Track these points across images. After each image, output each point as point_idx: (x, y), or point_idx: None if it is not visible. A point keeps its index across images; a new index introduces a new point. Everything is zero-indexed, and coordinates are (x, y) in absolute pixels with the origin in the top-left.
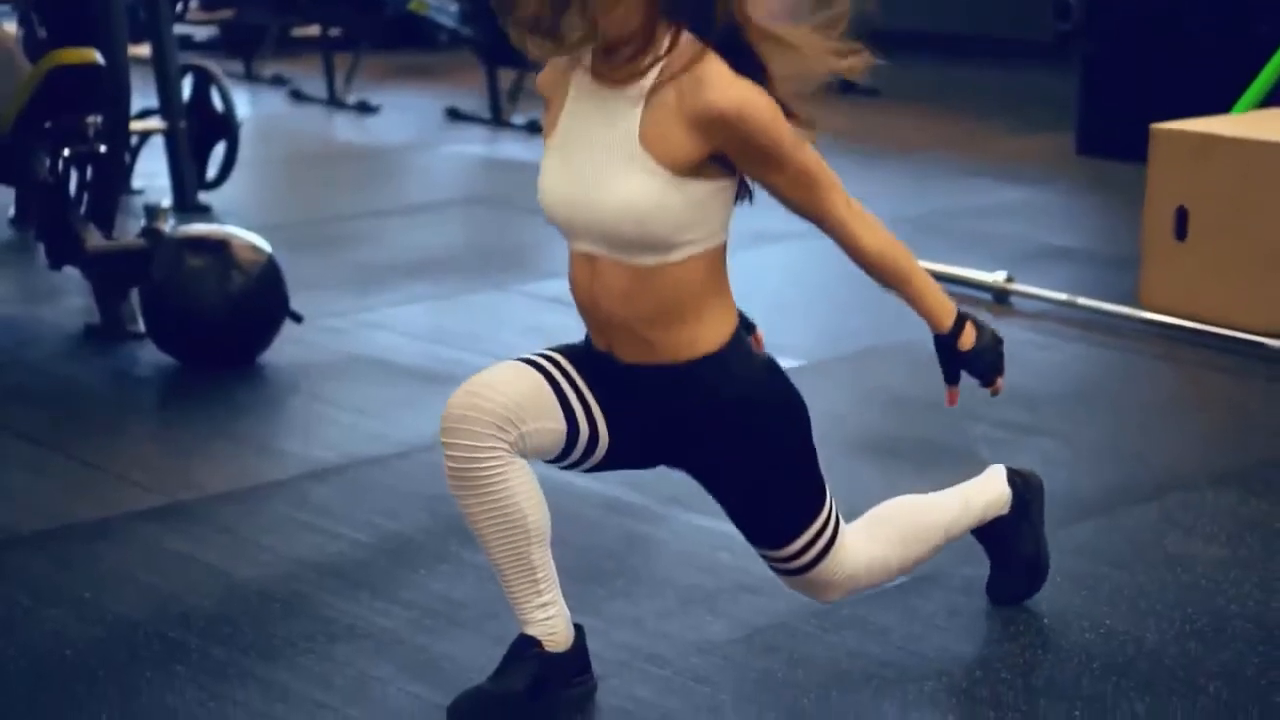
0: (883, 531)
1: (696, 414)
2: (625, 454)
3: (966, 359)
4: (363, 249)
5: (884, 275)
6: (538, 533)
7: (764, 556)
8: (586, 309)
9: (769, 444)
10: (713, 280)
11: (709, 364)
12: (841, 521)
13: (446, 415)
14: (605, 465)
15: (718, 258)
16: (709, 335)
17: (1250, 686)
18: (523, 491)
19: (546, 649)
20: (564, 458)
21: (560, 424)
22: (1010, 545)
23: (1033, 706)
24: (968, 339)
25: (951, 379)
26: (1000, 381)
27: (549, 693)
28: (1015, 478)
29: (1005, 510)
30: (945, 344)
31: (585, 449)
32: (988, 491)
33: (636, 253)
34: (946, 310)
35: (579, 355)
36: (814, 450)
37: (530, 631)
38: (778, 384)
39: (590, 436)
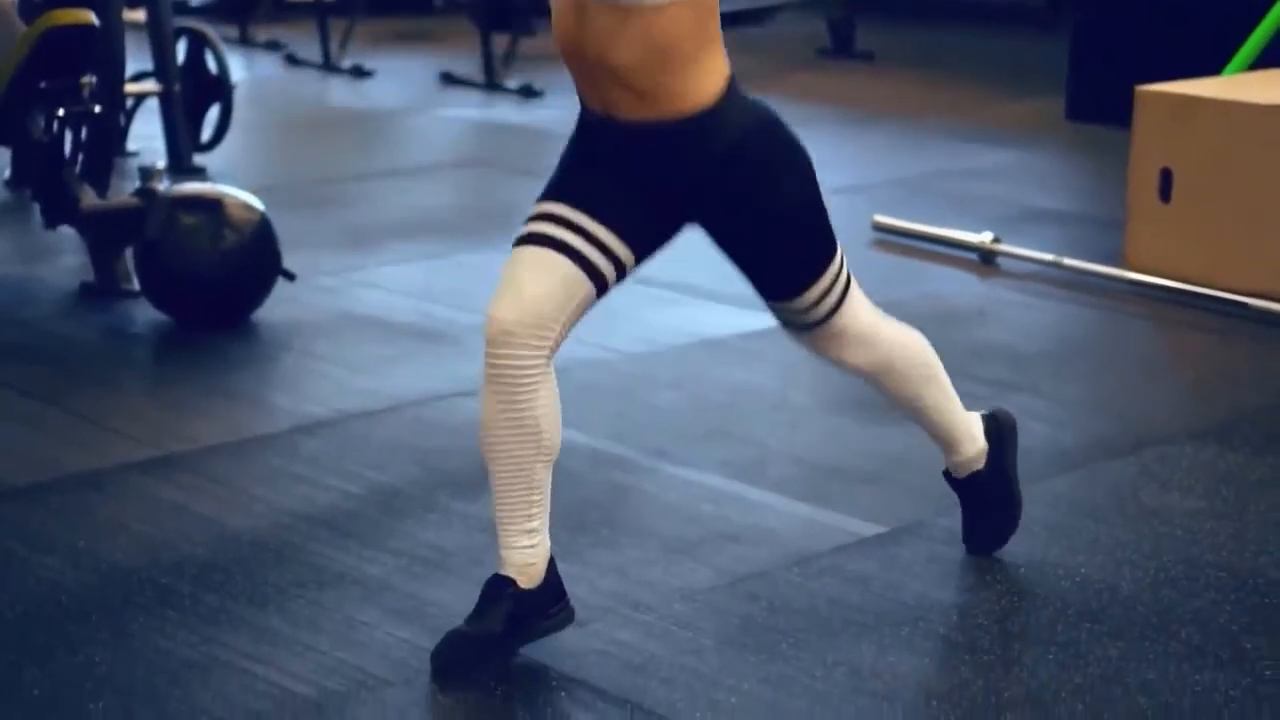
0: (902, 330)
1: (703, 169)
2: (650, 244)
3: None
4: (356, 210)
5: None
6: (547, 449)
7: (783, 313)
8: (573, 58)
9: (776, 189)
10: (702, 30)
11: (707, 117)
12: (852, 278)
13: (489, 328)
14: (640, 265)
15: (706, 9)
16: (702, 86)
17: (1222, 632)
18: (545, 406)
19: (521, 586)
20: (603, 296)
21: (588, 287)
22: (983, 494)
23: (1008, 651)
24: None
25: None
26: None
27: (526, 629)
28: (990, 426)
29: (980, 465)
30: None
31: (616, 279)
32: (970, 429)
33: None
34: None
35: (572, 173)
36: (820, 197)
37: (509, 561)
38: (780, 132)
39: (616, 270)
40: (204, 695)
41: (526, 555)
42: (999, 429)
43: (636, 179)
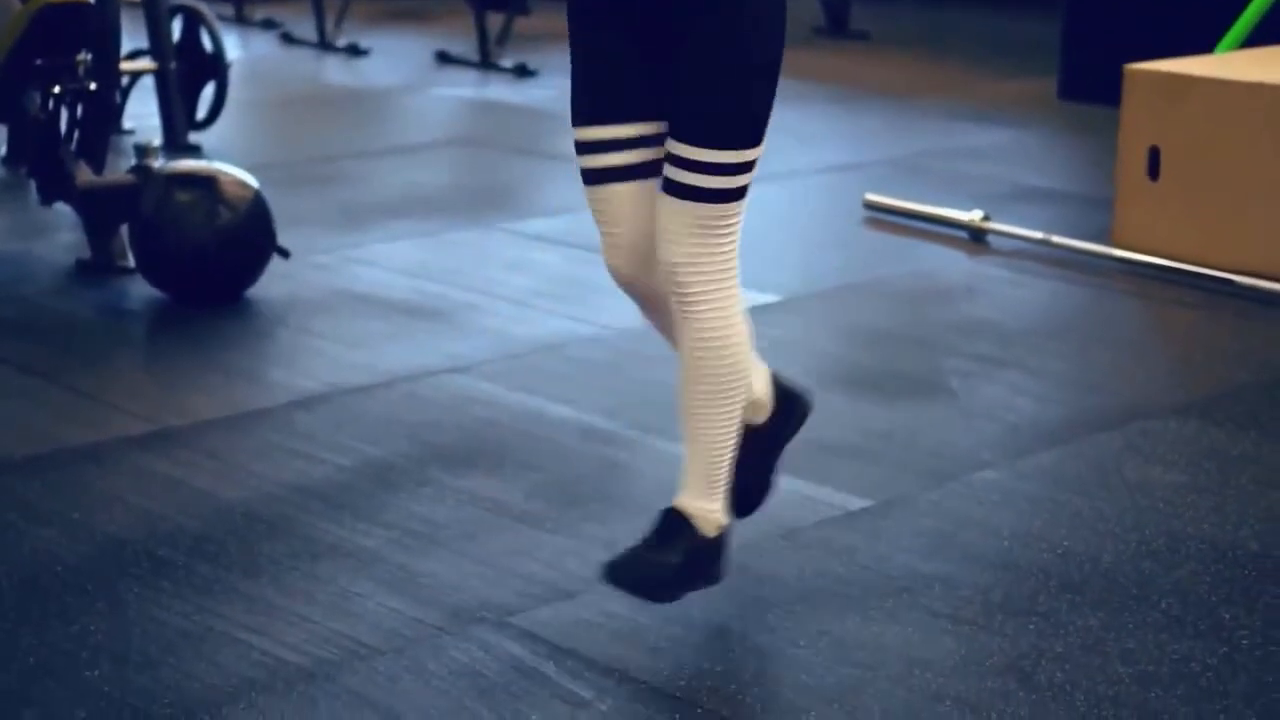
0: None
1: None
2: (663, 95)
3: None
4: (351, 188)
5: None
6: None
7: (675, 160)
8: None
9: (744, 38)
10: None
11: None
12: (739, 221)
13: (617, 279)
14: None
15: None
16: None
17: (1201, 603)
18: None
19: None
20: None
21: (654, 185)
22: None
23: (990, 620)
24: None
25: None
26: None
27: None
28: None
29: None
30: None
31: (662, 146)
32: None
33: None
34: None
35: (587, 85)
36: (775, 84)
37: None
38: None
39: (660, 145)
40: (198, 663)
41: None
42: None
43: (637, 45)
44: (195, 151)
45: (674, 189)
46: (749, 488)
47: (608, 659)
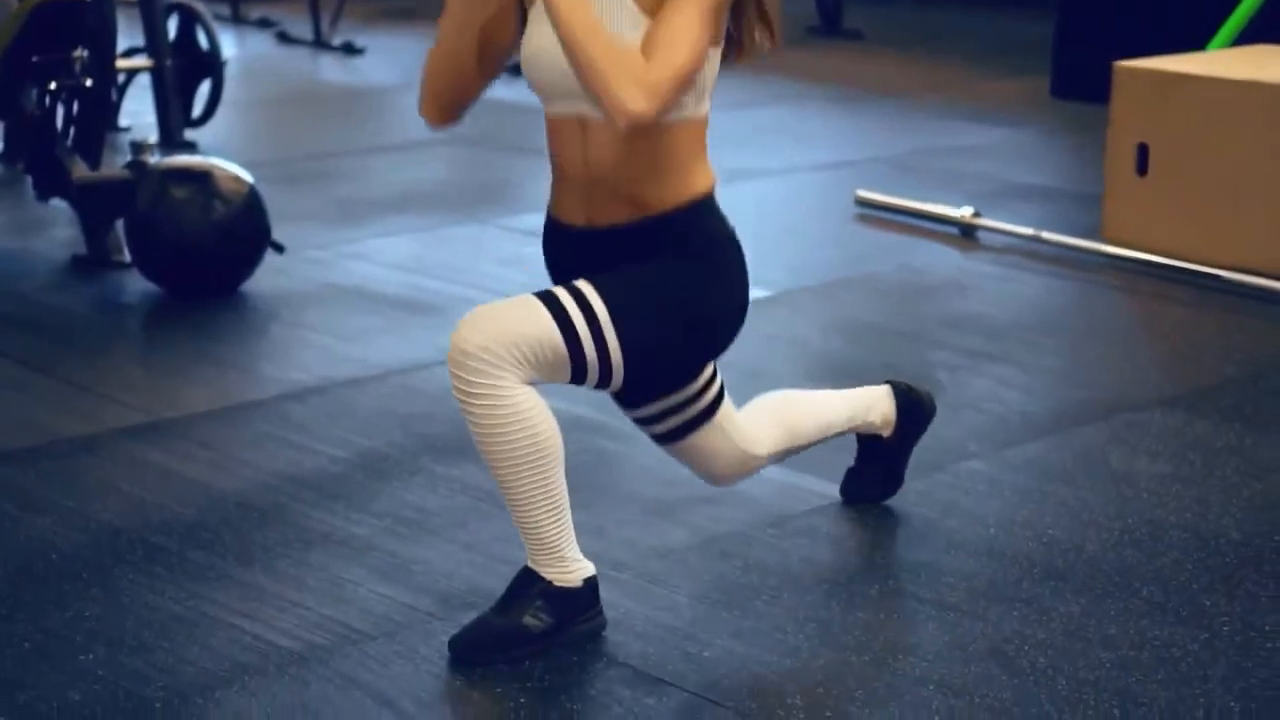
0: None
1: (660, 245)
2: None
3: None
4: (346, 184)
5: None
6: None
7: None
8: (573, 174)
9: (684, 288)
10: (698, 141)
11: (682, 215)
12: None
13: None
14: None
15: (703, 125)
16: (687, 188)
17: (1182, 590)
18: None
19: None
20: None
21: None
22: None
23: (974, 606)
24: None
25: None
26: None
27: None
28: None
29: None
30: None
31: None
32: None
33: None
34: None
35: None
36: (715, 336)
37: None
38: (730, 251)
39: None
40: (191, 648)
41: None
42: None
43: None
44: (191, 149)
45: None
46: (882, 488)
47: (595, 643)
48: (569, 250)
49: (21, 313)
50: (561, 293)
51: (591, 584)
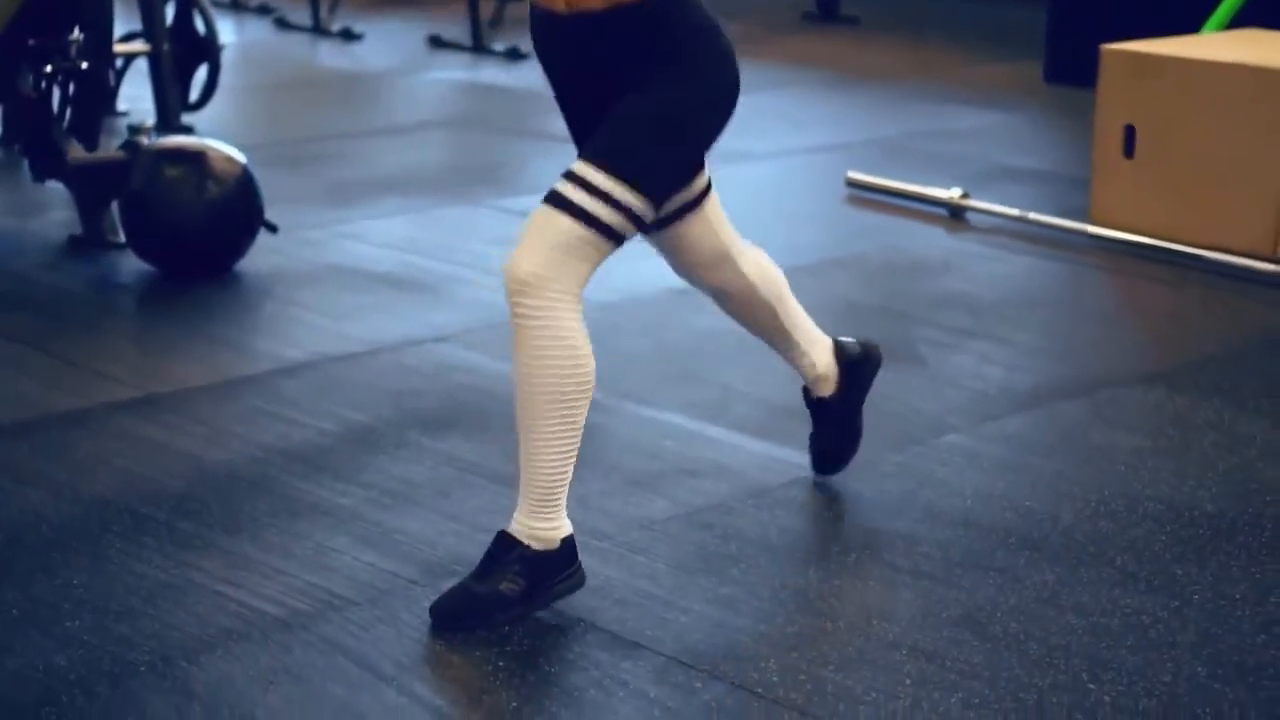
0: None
1: (639, 50)
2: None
3: None
4: (342, 167)
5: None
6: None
7: (567, 174)
8: None
9: (682, 79)
10: None
11: (658, 4)
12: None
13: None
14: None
15: None
16: None
17: (1155, 559)
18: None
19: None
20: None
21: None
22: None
23: (949, 574)
24: None
25: None
26: None
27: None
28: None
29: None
30: None
31: None
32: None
33: None
34: None
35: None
36: (715, 118)
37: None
38: (717, 41)
39: None
40: (177, 614)
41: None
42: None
43: (591, 85)
44: (188, 133)
45: (550, 197)
46: (838, 449)
47: (575, 609)
48: (556, 40)
49: (18, 291)
50: (565, 186)
51: (569, 543)
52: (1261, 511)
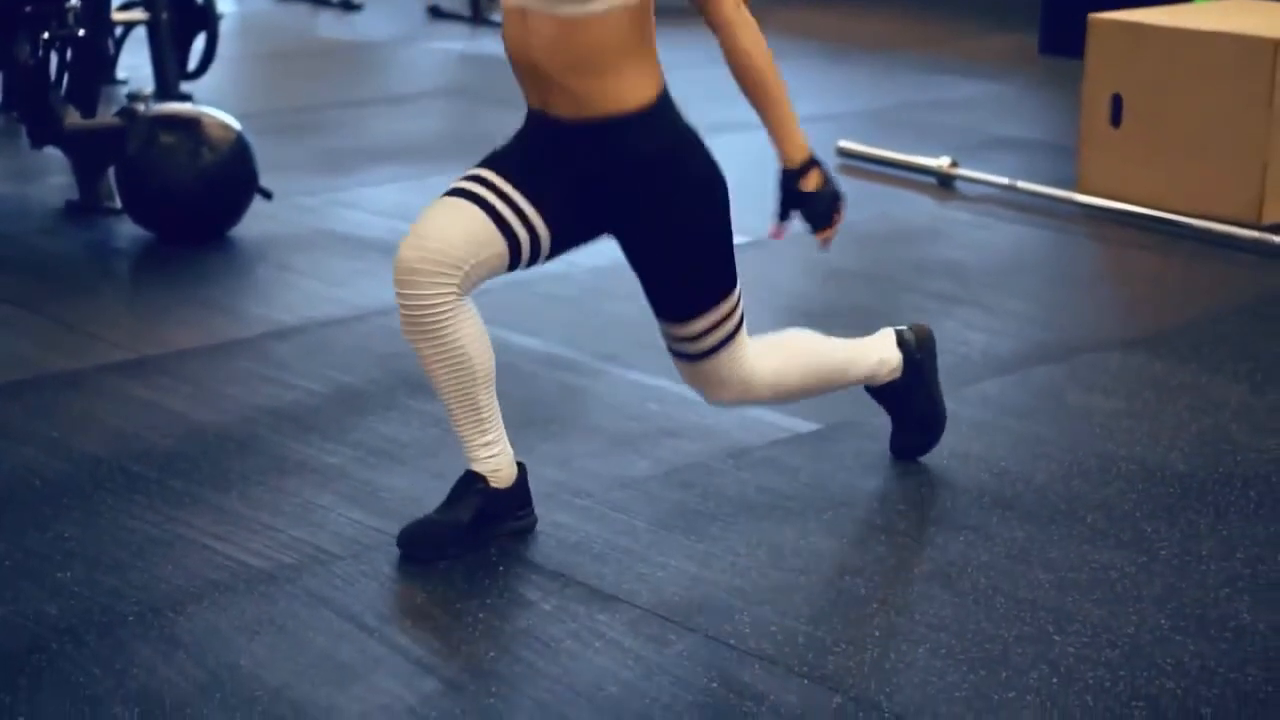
0: (786, 353)
1: (622, 169)
2: (566, 235)
3: (803, 199)
4: (338, 135)
5: (749, 85)
6: (484, 375)
7: (669, 337)
8: (518, 62)
9: (685, 210)
10: (635, 38)
11: (635, 120)
12: (745, 324)
13: (397, 267)
14: (555, 254)
15: (641, 18)
16: (633, 91)
17: (1126, 518)
18: (469, 336)
19: (491, 484)
20: (515, 267)
21: (501, 246)
22: (905, 405)
23: (922, 533)
24: (811, 181)
25: (783, 215)
26: (830, 233)
27: (491, 524)
28: (907, 339)
29: (897, 375)
30: (788, 180)
31: (530, 253)
32: (878, 350)
33: (561, 2)
34: (799, 147)
35: (509, 153)
36: (729, 231)
37: (476, 469)
38: (700, 155)
39: (531, 242)
40: (165, 567)
41: (490, 463)
42: (916, 344)
43: (565, 172)
44: (187, 101)
45: (688, 359)
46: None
47: (555, 564)
48: (541, 138)
49: (14, 255)
50: (693, 346)
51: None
52: (1231, 471)
